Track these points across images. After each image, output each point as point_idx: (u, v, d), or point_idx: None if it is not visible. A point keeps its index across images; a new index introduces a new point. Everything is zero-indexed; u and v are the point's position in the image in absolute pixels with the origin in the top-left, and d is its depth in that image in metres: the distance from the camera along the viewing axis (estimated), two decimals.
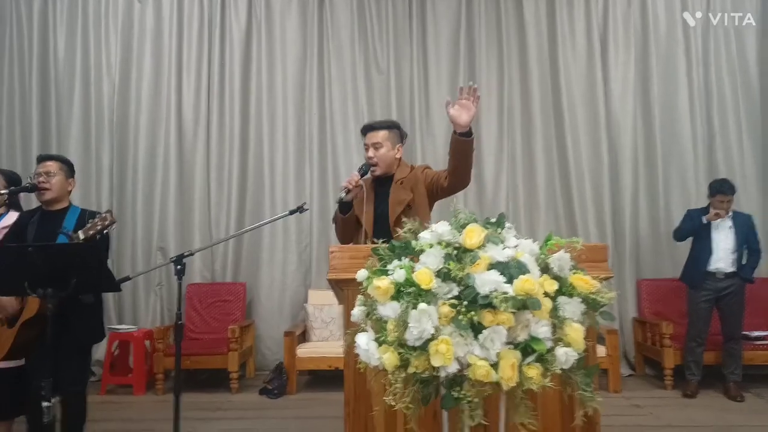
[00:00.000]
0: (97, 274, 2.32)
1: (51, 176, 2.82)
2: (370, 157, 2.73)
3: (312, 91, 5.60)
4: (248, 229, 2.66)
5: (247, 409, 4.25)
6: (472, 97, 2.50)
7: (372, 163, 2.73)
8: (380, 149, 2.73)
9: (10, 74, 5.59)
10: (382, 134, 2.74)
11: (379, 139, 2.73)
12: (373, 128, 2.79)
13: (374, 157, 2.73)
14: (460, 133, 2.50)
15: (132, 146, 5.53)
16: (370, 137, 2.76)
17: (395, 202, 2.68)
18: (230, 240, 5.48)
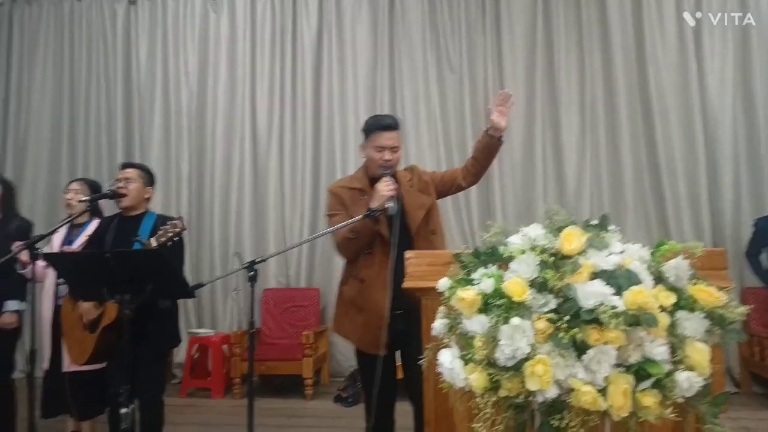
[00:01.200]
0: (170, 280, 2.30)
1: (129, 182, 2.85)
2: (388, 160, 2.39)
3: (383, 94, 5.50)
4: (324, 233, 2.54)
5: (322, 417, 4.18)
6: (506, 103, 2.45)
7: (389, 166, 2.39)
8: (396, 153, 2.43)
9: (97, 87, 5.86)
10: (399, 136, 2.45)
11: (398, 141, 2.44)
12: (392, 127, 2.43)
13: (391, 160, 2.40)
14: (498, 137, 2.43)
15: (209, 153, 5.65)
16: (390, 138, 2.39)
17: (415, 206, 2.39)
18: (304, 245, 5.47)
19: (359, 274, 2.38)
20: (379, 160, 2.39)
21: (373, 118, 2.52)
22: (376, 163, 2.41)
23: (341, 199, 2.46)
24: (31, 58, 5.97)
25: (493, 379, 1.23)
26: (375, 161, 2.41)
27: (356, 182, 2.49)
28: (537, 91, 5.31)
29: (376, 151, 2.40)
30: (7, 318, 3.17)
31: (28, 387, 2.48)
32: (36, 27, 6.00)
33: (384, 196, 2.26)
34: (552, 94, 5.31)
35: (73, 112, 5.87)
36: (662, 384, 1.20)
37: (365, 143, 2.48)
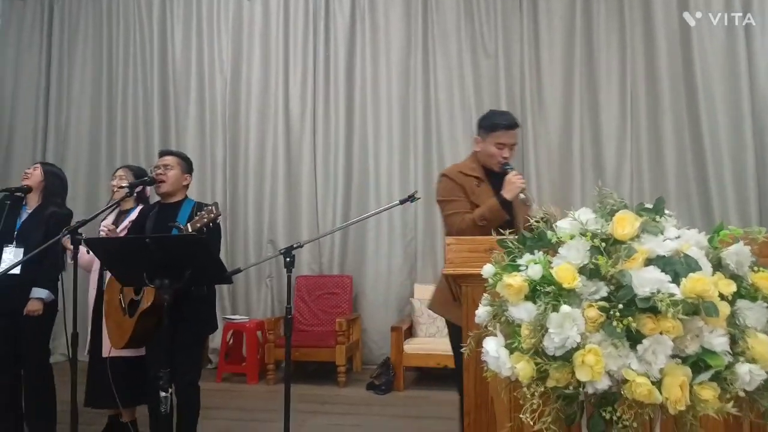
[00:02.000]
0: (207, 266, 2.31)
1: (168, 169, 2.88)
2: (506, 158, 2.48)
3: (417, 80, 5.43)
4: (357, 220, 2.56)
5: (355, 404, 4.19)
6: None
7: (504, 163, 2.48)
8: (513, 150, 2.51)
9: (134, 77, 5.94)
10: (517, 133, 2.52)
11: (517, 139, 2.52)
12: (515, 126, 2.52)
13: (508, 158, 2.48)
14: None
15: (243, 141, 5.68)
16: (511, 136, 2.49)
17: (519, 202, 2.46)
18: (337, 233, 5.47)
19: None
20: (498, 156, 2.47)
21: (496, 115, 2.57)
22: (494, 158, 2.48)
23: (460, 185, 2.48)
24: (71, 49, 6.09)
25: (541, 369, 1.18)
26: (493, 156, 2.48)
27: (472, 170, 2.53)
28: (575, 75, 5.17)
29: (496, 147, 2.47)
30: (32, 305, 3.16)
31: (71, 369, 2.53)
32: (75, 18, 6.10)
33: (519, 187, 2.37)
34: (591, 78, 5.16)
35: (111, 101, 5.98)
36: (722, 377, 1.13)
37: (483, 137, 2.52)
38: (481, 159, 2.54)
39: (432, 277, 5.28)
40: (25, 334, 3.23)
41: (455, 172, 2.56)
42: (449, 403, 4.14)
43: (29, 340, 3.24)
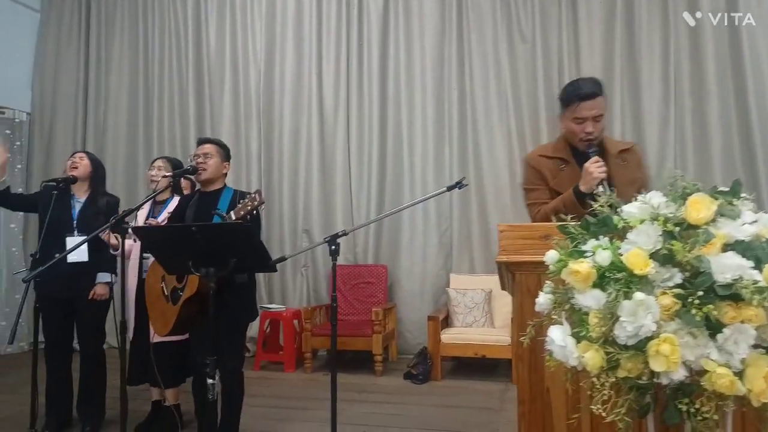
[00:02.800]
0: (252, 254, 2.31)
1: (208, 157, 2.88)
2: (589, 133, 2.11)
3: (451, 67, 5.36)
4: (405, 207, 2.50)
5: (392, 393, 4.18)
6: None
7: (590, 139, 2.12)
8: (599, 122, 2.13)
9: (170, 68, 6.00)
10: (603, 101, 2.14)
11: (603, 109, 2.13)
12: (593, 95, 2.11)
13: (594, 131, 2.11)
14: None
15: (277, 131, 5.69)
16: (591, 107, 2.10)
17: (626, 182, 2.09)
18: (371, 223, 5.46)
19: None
20: (580, 133, 2.13)
21: (571, 86, 2.21)
22: (576, 136, 2.15)
23: (539, 171, 2.23)
24: (108, 43, 6.18)
25: (612, 358, 1.14)
26: (575, 134, 2.15)
27: (556, 151, 2.25)
28: (616, 60, 5.02)
29: (575, 123, 2.14)
30: (100, 289, 3.32)
31: (120, 356, 2.56)
32: (112, 13, 6.19)
33: (595, 178, 2.01)
34: (632, 62, 5.01)
35: (148, 93, 6.05)
36: None
37: (563, 114, 2.21)
38: (567, 138, 2.23)
39: (468, 267, 5.24)
40: (82, 320, 3.32)
41: (535, 156, 2.31)
42: (488, 393, 4.13)
43: (87, 326, 3.33)
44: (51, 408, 3.34)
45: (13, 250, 5.77)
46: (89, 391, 3.40)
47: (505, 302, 4.93)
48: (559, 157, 2.22)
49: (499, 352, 4.43)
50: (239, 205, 2.58)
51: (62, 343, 3.38)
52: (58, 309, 3.31)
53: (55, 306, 3.30)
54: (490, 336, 4.50)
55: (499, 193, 5.17)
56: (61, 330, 3.35)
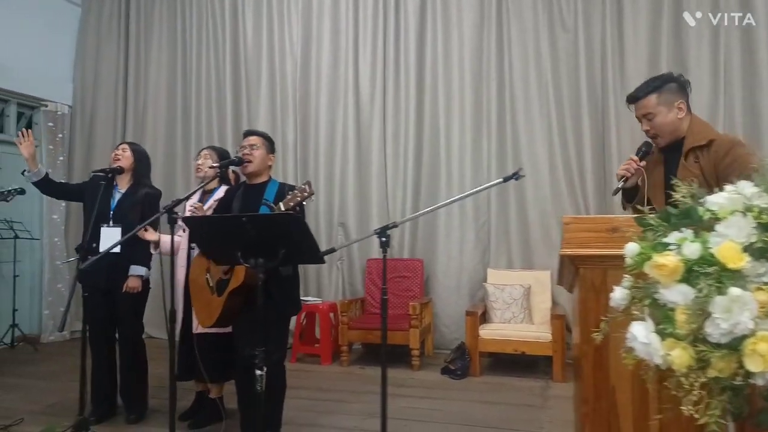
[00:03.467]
0: (303, 245, 2.29)
1: (254, 149, 2.88)
2: (647, 130, 2.29)
3: (490, 56, 5.27)
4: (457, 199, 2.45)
5: (431, 388, 4.14)
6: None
7: (652, 135, 2.28)
8: (654, 118, 2.24)
9: (207, 61, 6.04)
10: (651, 101, 2.23)
11: (650, 108, 2.23)
12: (636, 98, 2.28)
13: (651, 129, 2.27)
14: None
15: (313, 123, 5.69)
16: (637, 108, 2.29)
17: (652, 185, 2.27)
18: (407, 214, 5.40)
19: None
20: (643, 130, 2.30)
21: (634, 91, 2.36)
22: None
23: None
24: (147, 36, 6.25)
25: (703, 357, 1.07)
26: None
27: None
28: (662, 50, 4.86)
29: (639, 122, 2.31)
30: (131, 282, 3.33)
31: (170, 347, 2.58)
32: (151, 6, 6.26)
33: (617, 174, 2.26)
34: (679, 52, 4.84)
35: (186, 86, 6.11)
36: None
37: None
38: None
39: (506, 262, 5.17)
40: (120, 310, 3.36)
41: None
42: (528, 390, 4.06)
43: (124, 316, 3.38)
44: (96, 396, 3.40)
45: (56, 240, 5.90)
46: (130, 380, 3.46)
47: (543, 299, 4.86)
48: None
49: (539, 348, 4.35)
50: (289, 196, 2.57)
51: (104, 332, 3.43)
52: (100, 299, 3.35)
53: (97, 296, 3.34)
54: (530, 332, 4.43)
55: (538, 187, 5.07)
56: (103, 319, 3.39)
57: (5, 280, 5.51)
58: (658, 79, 2.29)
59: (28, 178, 3.35)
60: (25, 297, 5.76)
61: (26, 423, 3.35)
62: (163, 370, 3.91)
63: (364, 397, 3.89)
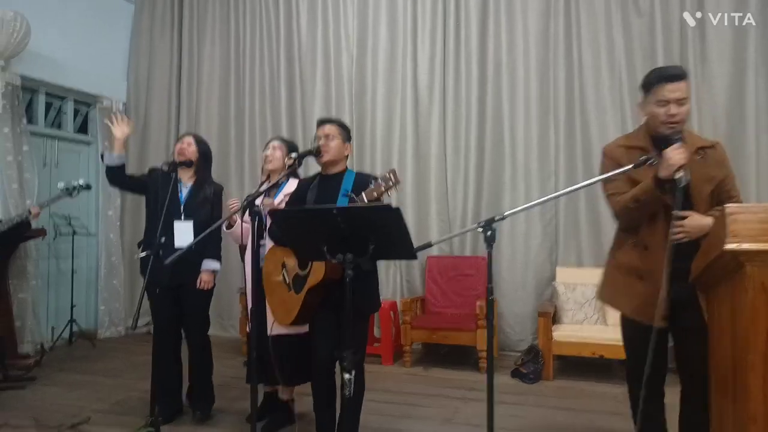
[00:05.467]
0: (398, 239, 2.10)
1: (330, 139, 2.71)
2: (673, 115, 2.06)
3: (557, 44, 5.00)
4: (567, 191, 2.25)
5: (505, 393, 3.91)
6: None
7: (675, 122, 2.07)
8: (683, 106, 2.08)
9: (261, 56, 5.93)
10: (686, 87, 2.07)
11: (686, 92, 2.08)
12: (678, 77, 2.08)
13: (677, 116, 2.06)
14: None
15: (369, 118, 5.51)
16: (675, 89, 2.05)
17: (702, 178, 2.09)
18: (468, 211, 5.21)
19: (643, 240, 2.15)
20: (663, 116, 2.08)
21: (656, 70, 2.20)
22: (659, 119, 2.10)
23: (618, 161, 2.19)
24: (200, 32, 6.19)
25: None
26: (658, 117, 2.10)
27: (635, 140, 2.23)
28: (749, 34, 4.51)
29: (659, 106, 2.08)
30: (205, 276, 3.25)
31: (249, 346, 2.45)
32: (204, 1, 6.18)
33: (674, 164, 1.97)
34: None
35: (239, 82, 6.01)
36: None
37: (645, 99, 2.17)
38: (650, 126, 2.18)
39: (575, 259, 4.91)
40: (188, 307, 3.26)
41: (614, 146, 2.29)
42: (611, 396, 3.79)
43: (192, 313, 3.28)
44: (162, 395, 3.29)
45: (111, 236, 5.89)
46: (197, 379, 3.36)
47: None
48: (638, 147, 2.18)
49: (619, 352, 4.03)
50: (371, 186, 2.39)
51: (171, 330, 3.34)
52: (166, 296, 3.26)
53: (164, 293, 3.24)
54: (608, 335, 4.16)
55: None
56: (170, 317, 3.30)
57: (64, 276, 5.52)
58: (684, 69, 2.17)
59: (108, 159, 3.26)
60: (82, 293, 5.76)
61: (93, 422, 3.27)
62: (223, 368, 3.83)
63: (435, 401, 3.70)
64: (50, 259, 5.47)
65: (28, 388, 3.95)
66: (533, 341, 4.73)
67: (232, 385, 3.86)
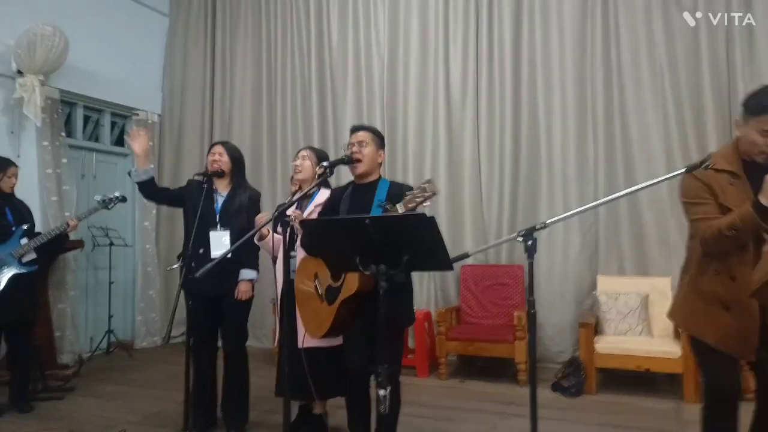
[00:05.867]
0: (434, 249, 2.01)
1: (363, 146, 2.64)
2: None
3: (595, 44, 4.85)
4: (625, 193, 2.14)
5: (546, 407, 3.70)
6: None
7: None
8: None
9: (292, 65, 5.94)
10: None
11: None
12: None
13: None
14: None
15: (401, 124, 5.44)
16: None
17: None
18: (504, 219, 5.08)
19: (731, 270, 2.01)
20: (763, 146, 1.96)
21: (765, 93, 2.02)
22: (756, 147, 1.99)
23: (708, 185, 2.03)
24: (233, 41, 6.23)
25: None
26: (755, 145, 1.98)
27: (726, 163, 2.05)
28: None
29: (760, 135, 1.96)
30: (243, 287, 3.22)
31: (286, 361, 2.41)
32: (236, 13, 6.23)
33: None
34: None
35: (271, 91, 6.03)
36: None
37: (746, 120, 2.02)
38: (742, 147, 2.04)
39: (617, 267, 4.72)
40: (225, 318, 3.23)
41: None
42: (659, 412, 3.61)
43: (229, 324, 3.25)
44: (197, 407, 3.26)
45: (147, 247, 5.96)
46: (232, 392, 3.31)
47: (663, 309, 4.33)
48: (728, 171, 2.03)
49: (667, 365, 3.88)
50: (408, 196, 2.31)
51: (208, 341, 3.31)
52: (204, 307, 3.23)
53: (201, 304, 3.22)
54: (655, 347, 3.96)
55: (653, 187, 4.57)
56: (207, 328, 3.28)
57: (101, 287, 5.60)
58: None
59: (135, 176, 3.27)
60: (120, 303, 5.83)
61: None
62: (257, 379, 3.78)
63: (473, 416, 3.58)
64: (88, 270, 5.56)
65: (66, 399, 3.98)
66: (573, 353, 4.56)
67: (265, 398, 3.80)
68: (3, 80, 4.73)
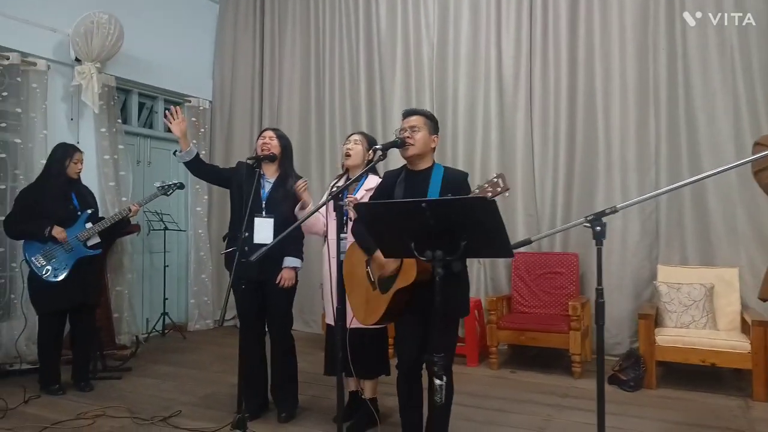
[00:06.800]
0: (494, 235, 1.93)
1: (415, 131, 2.57)
2: None
3: (658, 22, 4.59)
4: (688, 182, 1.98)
5: None
6: None
7: None
8: None
9: (340, 50, 5.90)
10: None
11: None
12: None
13: None
14: None
15: (451, 109, 5.33)
16: None
17: None
18: (558, 207, 4.92)
19: None
20: None
21: None
22: None
23: None
24: (281, 29, 6.24)
25: None
26: None
27: None
28: None
29: None
30: (286, 273, 3.21)
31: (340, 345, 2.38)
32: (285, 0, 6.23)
33: None
34: None
35: (319, 77, 6.01)
36: None
37: None
38: None
39: (679, 257, 4.50)
40: (271, 303, 3.24)
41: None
42: (725, 409, 3.43)
43: (276, 310, 3.27)
44: (248, 390, 3.28)
45: (200, 231, 6.07)
46: (281, 376, 3.33)
47: (729, 300, 4.16)
48: None
49: (735, 360, 3.68)
50: (476, 191, 2.22)
51: (256, 325, 3.33)
52: (252, 291, 3.25)
53: (249, 288, 3.23)
54: (722, 340, 3.76)
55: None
56: (254, 312, 3.29)
57: (156, 270, 5.74)
58: None
59: (179, 158, 3.31)
60: (174, 286, 5.98)
61: (183, 415, 3.33)
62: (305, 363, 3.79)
63: (525, 407, 3.49)
64: (144, 253, 5.71)
65: (124, 379, 4.10)
66: (631, 345, 4.39)
67: (314, 382, 3.82)
68: (62, 68, 4.87)
